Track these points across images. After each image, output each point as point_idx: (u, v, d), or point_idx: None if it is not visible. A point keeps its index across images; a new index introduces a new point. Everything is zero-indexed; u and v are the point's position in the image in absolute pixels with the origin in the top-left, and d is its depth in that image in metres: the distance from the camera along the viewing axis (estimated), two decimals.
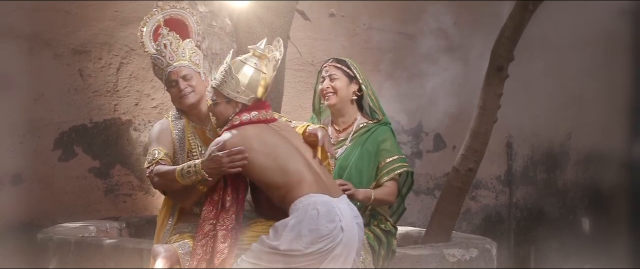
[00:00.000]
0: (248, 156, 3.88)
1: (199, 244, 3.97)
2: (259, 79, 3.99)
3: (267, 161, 3.88)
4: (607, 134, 7.43)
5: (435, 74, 6.88)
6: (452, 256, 4.80)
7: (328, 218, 3.80)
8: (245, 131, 3.94)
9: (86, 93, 6.33)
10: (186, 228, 4.40)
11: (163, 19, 4.42)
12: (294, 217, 3.82)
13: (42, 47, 6.25)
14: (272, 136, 3.95)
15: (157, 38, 4.41)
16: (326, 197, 3.86)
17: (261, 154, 3.89)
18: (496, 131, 5.44)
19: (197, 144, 4.43)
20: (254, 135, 3.93)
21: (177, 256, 4.15)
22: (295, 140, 4.03)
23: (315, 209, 3.80)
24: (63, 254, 4.88)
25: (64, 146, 6.30)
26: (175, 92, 4.36)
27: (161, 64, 4.40)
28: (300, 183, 3.86)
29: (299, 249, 3.77)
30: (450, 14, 6.89)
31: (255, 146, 3.89)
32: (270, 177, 3.89)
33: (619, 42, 7.41)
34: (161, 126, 4.43)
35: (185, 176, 4.02)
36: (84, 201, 6.32)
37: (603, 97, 7.37)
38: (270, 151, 3.90)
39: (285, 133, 4.03)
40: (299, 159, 3.92)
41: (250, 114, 3.98)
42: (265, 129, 3.98)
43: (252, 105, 4.00)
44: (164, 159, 4.25)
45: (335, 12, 6.76)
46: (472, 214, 7.14)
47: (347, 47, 6.74)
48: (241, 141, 3.89)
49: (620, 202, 7.49)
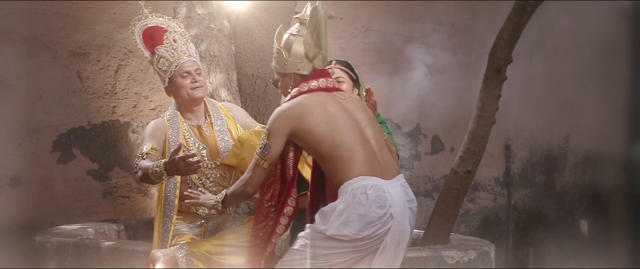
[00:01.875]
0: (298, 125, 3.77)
1: (259, 227, 3.88)
2: (301, 44, 3.88)
3: (325, 130, 3.75)
4: (605, 136, 7.43)
5: (434, 76, 6.88)
6: (450, 258, 4.79)
7: (378, 204, 3.67)
8: (304, 99, 3.81)
9: (84, 95, 6.33)
10: (184, 228, 4.41)
11: (148, 26, 4.51)
12: (343, 201, 3.68)
13: (40, 49, 6.25)
14: (334, 106, 3.81)
15: (147, 42, 4.48)
16: (377, 180, 3.71)
17: (321, 122, 3.75)
18: (494, 133, 5.44)
19: (194, 142, 4.45)
20: (313, 103, 3.79)
21: (175, 259, 4.16)
22: (359, 114, 3.86)
23: (364, 194, 3.67)
24: (61, 256, 4.88)
25: (62, 148, 6.30)
26: (188, 84, 4.43)
27: (171, 56, 4.44)
28: (351, 161, 3.71)
29: (346, 235, 3.65)
30: (448, 15, 6.89)
31: (314, 113, 3.76)
32: (323, 147, 3.74)
33: (617, 44, 7.41)
34: (155, 124, 4.48)
35: (155, 174, 4.09)
36: (83, 203, 6.32)
37: (601, 99, 7.37)
38: (329, 119, 3.76)
39: (349, 104, 3.87)
40: (356, 135, 3.76)
41: (310, 84, 3.86)
42: (328, 97, 3.84)
43: (310, 74, 3.88)
44: (151, 153, 4.29)
45: (333, 14, 6.76)
46: (470, 216, 7.14)
47: (345, 49, 6.74)
48: (299, 109, 3.77)
49: (619, 204, 7.49)
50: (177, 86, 4.45)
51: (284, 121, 3.80)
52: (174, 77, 4.44)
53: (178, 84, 4.44)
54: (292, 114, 3.79)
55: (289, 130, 3.79)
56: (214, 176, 4.47)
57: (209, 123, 4.54)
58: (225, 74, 5.28)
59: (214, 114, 4.55)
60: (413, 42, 6.90)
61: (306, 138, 3.77)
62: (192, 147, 4.45)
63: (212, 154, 4.48)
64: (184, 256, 4.18)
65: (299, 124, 3.77)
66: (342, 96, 3.89)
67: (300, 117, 3.77)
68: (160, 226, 4.43)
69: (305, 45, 3.87)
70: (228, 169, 4.50)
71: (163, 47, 4.47)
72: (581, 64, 7.22)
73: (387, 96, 6.73)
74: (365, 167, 3.72)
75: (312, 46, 3.87)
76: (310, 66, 3.89)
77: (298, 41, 3.89)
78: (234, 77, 5.35)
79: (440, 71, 6.92)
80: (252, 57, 5.44)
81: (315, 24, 3.86)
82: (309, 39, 3.86)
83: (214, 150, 4.48)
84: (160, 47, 4.47)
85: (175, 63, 4.44)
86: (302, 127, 3.76)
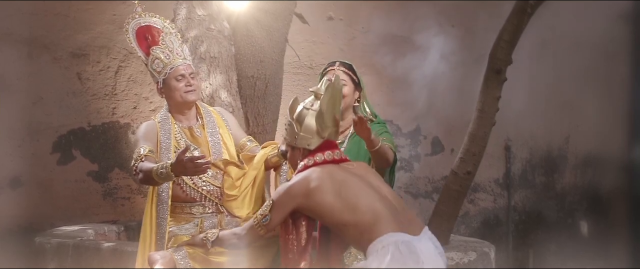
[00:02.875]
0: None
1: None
2: (313, 119, 3.86)
3: (335, 200, 3.69)
4: (606, 137, 7.43)
5: (434, 78, 6.88)
6: (450, 259, 4.80)
7: (413, 259, 3.61)
8: (310, 173, 3.78)
9: (84, 96, 6.34)
10: (180, 231, 4.41)
11: (141, 25, 4.52)
12: (375, 258, 3.61)
13: (40, 50, 6.25)
14: (341, 174, 3.77)
15: (142, 42, 4.50)
16: (407, 237, 3.65)
17: (329, 194, 3.70)
18: (494, 134, 5.44)
19: (185, 143, 4.46)
20: (319, 176, 3.75)
21: (173, 261, 4.17)
22: (369, 176, 3.84)
23: (397, 250, 3.59)
24: (61, 257, 4.88)
25: (62, 149, 6.30)
26: (182, 87, 4.44)
27: (166, 58, 4.45)
28: (376, 222, 3.64)
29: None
30: (448, 17, 6.89)
31: (321, 187, 3.72)
32: (339, 216, 3.68)
33: (618, 45, 7.41)
34: (147, 126, 4.50)
35: (160, 176, 4.10)
36: (83, 205, 6.32)
37: (601, 100, 7.37)
38: (338, 188, 3.71)
39: (357, 170, 3.84)
40: (371, 195, 3.71)
41: (315, 157, 3.84)
42: (333, 168, 3.80)
43: (318, 147, 3.86)
44: (149, 155, 4.31)
45: (333, 16, 6.76)
46: (470, 217, 7.14)
47: (345, 50, 6.75)
48: (304, 185, 3.75)
49: (619, 205, 7.49)
50: (170, 88, 4.46)
51: (290, 198, 3.79)
52: (168, 79, 4.45)
53: (172, 87, 4.46)
54: (298, 192, 3.76)
55: (295, 206, 3.78)
56: (206, 175, 4.48)
57: (200, 124, 4.55)
58: (225, 75, 5.28)
59: (206, 116, 4.57)
60: (412, 44, 6.90)
61: (318, 211, 3.74)
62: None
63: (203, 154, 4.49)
64: (181, 257, 4.18)
65: (306, 200, 3.75)
66: (349, 165, 3.88)
67: (306, 194, 3.74)
68: (154, 228, 4.43)
69: (318, 122, 3.85)
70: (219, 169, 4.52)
71: (158, 48, 4.48)
72: (581, 65, 7.22)
73: (387, 97, 6.74)
74: (392, 224, 3.66)
75: (325, 124, 3.86)
76: (319, 141, 3.87)
77: (311, 116, 3.87)
78: (234, 79, 5.35)
79: (440, 72, 6.91)
80: (252, 59, 5.44)
81: (329, 100, 3.85)
82: (323, 117, 3.85)
83: (205, 150, 4.49)
84: (155, 48, 4.48)
85: (170, 65, 4.45)
86: (310, 203, 3.74)
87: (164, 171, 4.08)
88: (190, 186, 4.44)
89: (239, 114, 5.25)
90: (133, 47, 4.57)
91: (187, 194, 4.44)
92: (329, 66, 4.59)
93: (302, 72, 6.67)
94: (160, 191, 4.42)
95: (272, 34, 5.40)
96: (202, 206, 4.46)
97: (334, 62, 4.59)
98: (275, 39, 5.44)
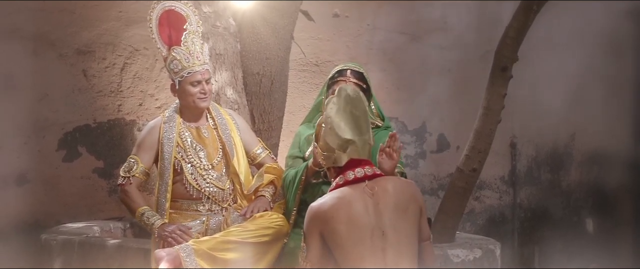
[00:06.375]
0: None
1: None
2: (327, 136, 3.76)
3: (344, 232, 3.62)
4: (612, 134, 7.41)
5: (439, 75, 6.88)
6: (456, 256, 4.79)
7: None
8: (333, 196, 3.68)
9: (90, 93, 6.34)
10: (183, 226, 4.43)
11: (165, 9, 4.50)
12: None
13: (46, 47, 6.26)
14: (360, 206, 3.66)
15: (162, 30, 4.48)
16: None
17: (341, 225, 3.62)
18: (500, 131, 5.44)
19: (190, 143, 4.47)
20: (340, 204, 3.65)
21: (179, 258, 4.17)
22: (386, 214, 3.70)
23: None
24: (67, 254, 4.89)
25: (68, 146, 6.31)
26: (196, 93, 4.43)
27: (186, 61, 4.44)
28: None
29: None
30: (454, 14, 6.88)
31: (338, 214, 3.64)
32: (339, 252, 3.64)
33: (624, 42, 7.40)
34: (149, 131, 4.51)
35: (142, 221, 4.32)
36: (88, 202, 6.33)
37: (607, 97, 7.35)
38: (349, 230, 3.62)
39: (380, 200, 3.71)
40: (367, 247, 3.61)
41: (347, 175, 3.72)
42: (357, 196, 3.68)
43: (347, 164, 3.75)
44: (138, 176, 4.41)
45: (339, 13, 6.76)
46: (476, 214, 7.13)
47: (351, 47, 6.74)
48: (324, 210, 3.65)
49: (625, 202, 7.47)
50: (184, 92, 4.46)
51: (312, 223, 3.67)
52: (184, 82, 4.45)
53: (186, 91, 4.46)
54: (318, 216, 3.66)
55: (319, 231, 3.67)
56: (211, 177, 4.48)
57: (209, 125, 4.55)
58: (231, 73, 5.28)
59: (217, 117, 4.57)
60: (419, 41, 6.89)
61: (329, 239, 3.65)
62: (189, 148, 4.47)
63: (209, 155, 4.49)
64: (188, 255, 4.18)
65: (325, 225, 3.65)
66: (376, 186, 3.72)
67: (324, 220, 3.65)
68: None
69: (329, 137, 3.76)
70: (224, 171, 4.51)
71: (179, 49, 4.45)
72: (587, 62, 7.20)
73: (393, 94, 6.73)
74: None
75: (337, 137, 3.75)
76: (345, 157, 3.75)
77: (326, 133, 3.78)
78: (240, 76, 5.35)
79: (446, 69, 6.91)
80: (257, 56, 5.43)
81: (337, 112, 3.76)
82: (333, 131, 3.75)
83: (211, 151, 4.49)
84: (176, 48, 4.45)
85: (187, 69, 4.44)
86: (327, 229, 3.65)
87: (148, 222, 4.29)
88: (194, 187, 4.44)
89: (245, 111, 5.25)
90: (153, 39, 4.52)
91: (191, 194, 4.45)
92: (338, 75, 4.53)
93: (307, 69, 6.67)
94: (159, 195, 4.44)
95: (278, 31, 5.39)
96: (208, 203, 4.47)
97: (343, 72, 4.51)
98: (281, 36, 5.43)
